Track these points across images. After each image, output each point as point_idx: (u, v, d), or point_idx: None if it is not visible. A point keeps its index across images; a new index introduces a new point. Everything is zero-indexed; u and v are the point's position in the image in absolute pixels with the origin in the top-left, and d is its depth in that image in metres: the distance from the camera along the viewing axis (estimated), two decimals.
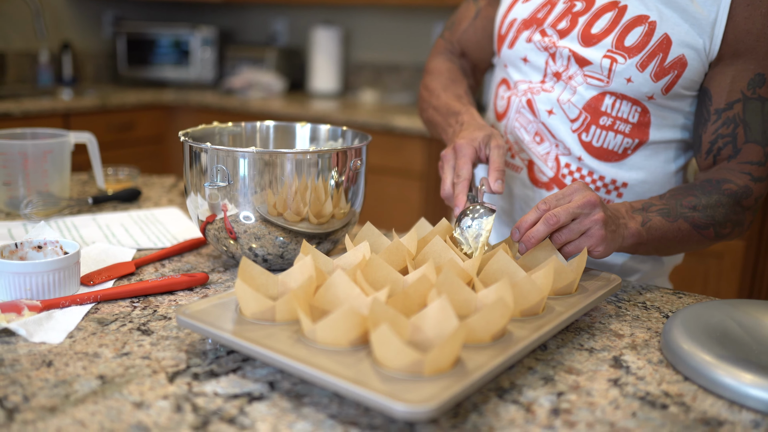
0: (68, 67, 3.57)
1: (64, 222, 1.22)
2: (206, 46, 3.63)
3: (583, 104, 1.10)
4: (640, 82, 1.05)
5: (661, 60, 1.04)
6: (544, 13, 1.13)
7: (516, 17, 1.17)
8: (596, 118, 1.10)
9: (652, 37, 1.04)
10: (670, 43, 1.03)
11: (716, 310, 0.84)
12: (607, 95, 1.09)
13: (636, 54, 1.05)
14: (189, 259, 1.07)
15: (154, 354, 0.75)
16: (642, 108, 1.09)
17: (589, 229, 0.91)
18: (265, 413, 0.64)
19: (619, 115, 1.09)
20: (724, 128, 1.06)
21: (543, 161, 1.16)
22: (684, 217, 1.02)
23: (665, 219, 1.00)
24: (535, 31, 1.13)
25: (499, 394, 0.69)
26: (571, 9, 1.11)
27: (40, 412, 0.63)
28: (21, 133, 1.30)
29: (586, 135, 1.11)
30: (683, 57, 1.04)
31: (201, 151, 0.95)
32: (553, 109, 1.13)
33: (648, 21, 1.05)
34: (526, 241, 0.91)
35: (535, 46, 1.14)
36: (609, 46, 1.06)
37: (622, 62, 1.05)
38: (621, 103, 1.09)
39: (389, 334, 0.63)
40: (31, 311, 0.82)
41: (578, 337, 0.83)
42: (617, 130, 1.10)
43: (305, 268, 0.80)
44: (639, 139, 1.10)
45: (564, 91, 1.12)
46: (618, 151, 1.11)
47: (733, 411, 0.68)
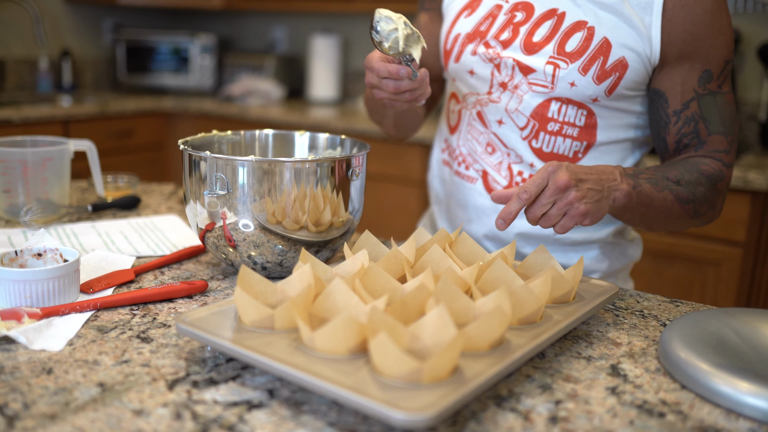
0: (68, 74, 3.57)
1: (64, 229, 1.22)
2: (205, 53, 3.64)
3: (531, 112, 1.14)
4: (583, 85, 1.09)
5: (602, 63, 1.07)
6: (487, 25, 1.17)
7: (460, 32, 1.20)
8: (544, 125, 1.13)
9: (591, 42, 1.08)
10: (610, 46, 1.07)
11: (713, 319, 0.85)
12: (552, 101, 1.12)
13: (577, 59, 1.08)
14: (188, 266, 1.07)
15: (153, 361, 0.75)
16: (588, 111, 1.12)
17: (568, 210, 0.93)
18: (264, 421, 0.64)
19: (566, 119, 1.12)
20: (686, 127, 1.10)
21: (496, 171, 1.19)
22: (669, 189, 1.04)
23: (653, 187, 1.03)
24: (479, 43, 1.16)
25: (497, 402, 0.69)
26: (512, 20, 1.14)
27: (40, 419, 0.63)
28: (21, 141, 1.30)
29: (536, 141, 1.15)
30: (624, 59, 1.07)
31: (200, 159, 0.96)
32: (502, 119, 1.16)
33: (587, 26, 1.08)
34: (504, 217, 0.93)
35: (480, 58, 1.16)
36: (551, 53, 1.10)
37: (564, 67, 1.09)
38: (567, 108, 1.12)
39: (388, 342, 0.64)
40: (31, 319, 0.82)
41: (576, 346, 0.84)
42: (565, 135, 1.13)
43: (304, 276, 0.80)
44: (587, 142, 1.14)
45: (511, 101, 1.15)
46: (569, 155, 1.15)
47: (731, 419, 0.68)
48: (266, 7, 3.54)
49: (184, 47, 3.63)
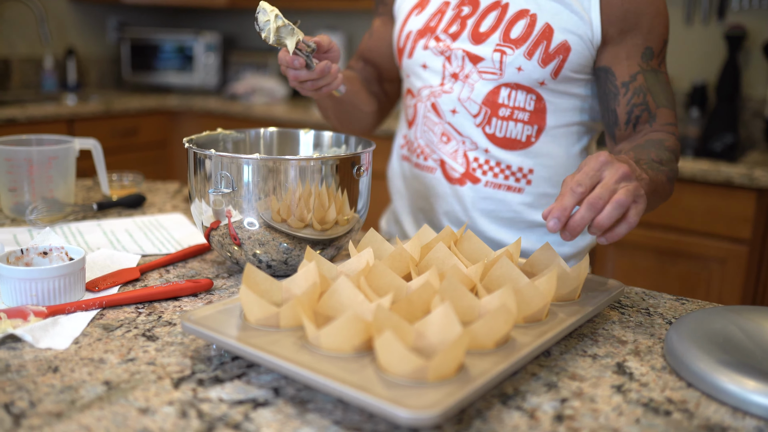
0: (72, 72, 3.58)
1: (69, 228, 1.23)
2: (210, 51, 3.64)
3: (482, 99, 1.19)
4: (529, 69, 1.14)
5: (545, 47, 1.13)
6: (436, 21, 1.23)
7: (411, 29, 1.26)
8: (495, 110, 1.18)
9: (534, 28, 1.14)
10: (552, 30, 1.13)
11: (719, 317, 0.84)
12: (502, 87, 1.17)
13: (522, 44, 1.14)
14: (193, 265, 1.07)
15: (159, 360, 0.75)
16: (536, 96, 1.17)
17: (636, 200, 0.86)
18: (269, 419, 0.64)
19: (516, 104, 1.18)
20: (636, 98, 1.14)
21: (453, 159, 1.24)
22: (661, 171, 1.06)
23: (654, 172, 1.02)
24: (430, 38, 1.23)
25: (503, 401, 0.69)
26: (460, 14, 1.21)
27: (46, 417, 0.63)
28: (26, 140, 1.30)
29: (489, 127, 1.20)
30: (566, 42, 1.13)
31: (205, 157, 0.96)
32: (456, 108, 1.21)
33: (529, 14, 1.15)
34: (572, 230, 0.85)
35: (432, 52, 1.22)
36: (497, 41, 1.16)
37: (510, 53, 1.15)
38: (516, 93, 1.17)
39: (393, 340, 0.64)
40: (36, 317, 0.82)
41: (581, 344, 0.84)
42: (516, 119, 1.18)
43: (309, 274, 0.80)
44: (538, 126, 1.19)
45: (463, 90, 1.20)
46: (521, 139, 1.19)
47: (737, 418, 0.68)
48: None
49: (189, 45, 3.64)
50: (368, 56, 1.43)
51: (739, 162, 2.25)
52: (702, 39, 2.73)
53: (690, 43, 2.76)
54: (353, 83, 1.33)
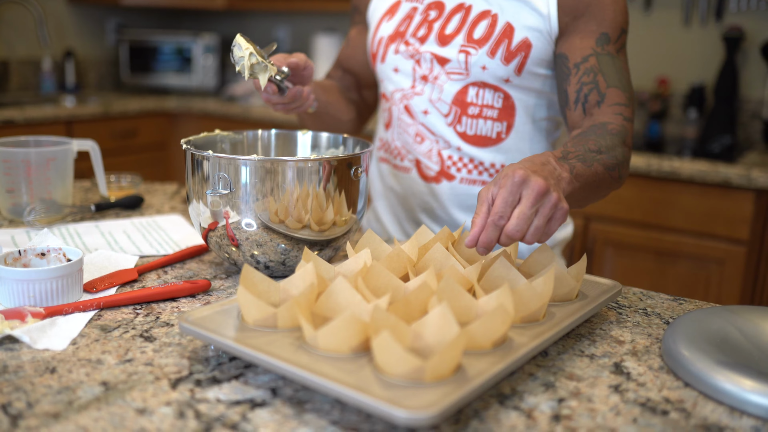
0: (71, 74, 3.58)
1: (67, 229, 1.22)
2: (208, 53, 3.65)
3: (451, 99, 1.23)
4: (493, 67, 1.19)
5: (507, 45, 1.17)
6: (405, 26, 1.28)
7: (383, 35, 1.31)
8: (465, 109, 1.23)
9: (496, 28, 1.18)
10: (513, 29, 1.17)
11: (717, 317, 0.84)
12: (470, 87, 1.22)
13: (484, 44, 1.18)
14: (191, 266, 1.07)
15: (156, 360, 0.75)
16: (504, 93, 1.21)
17: (554, 214, 0.87)
18: (267, 419, 0.64)
19: (485, 102, 1.22)
20: (586, 77, 1.16)
21: (428, 158, 1.28)
22: (596, 161, 1.04)
23: (584, 164, 1.01)
24: (400, 42, 1.27)
25: (500, 401, 0.69)
26: (427, 18, 1.26)
27: (43, 418, 0.63)
28: (24, 141, 1.30)
29: (460, 126, 1.24)
30: (527, 39, 1.17)
31: (203, 159, 0.96)
32: (427, 109, 1.26)
33: (491, 15, 1.19)
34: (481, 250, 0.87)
35: (402, 56, 1.27)
36: (462, 42, 1.20)
37: (474, 53, 1.19)
38: (484, 92, 1.21)
39: (390, 340, 0.64)
40: (34, 318, 0.82)
41: (579, 344, 0.84)
42: (486, 117, 1.22)
43: (307, 275, 0.80)
44: (507, 122, 1.23)
45: (433, 91, 1.25)
46: (492, 136, 1.23)
47: (734, 417, 0.68)
48: (269, 6, 3.54)
49: (187, 47, 3.64)
50: (346, 65, 1.47)
51: (737, 163, 2.25)
52: (700, 40, 2.74)
53: (688, 45, 2.76)
54: (331, 93, 1.36)
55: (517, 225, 0.84)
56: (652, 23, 2.79)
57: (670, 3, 2.76)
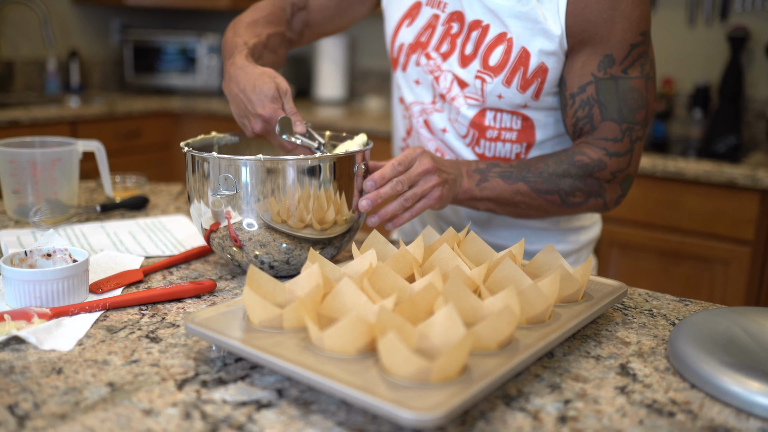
0: (75, 74, 3.58)
1: (73, 230, 1.23)
2: (212, 53, 3.65)
3: (469, 122, 1.18)
4: (509, 96, 1.13)
5: (523, 73, 1.11)
6: (427, 36, 1.20)
7: (403, 42, 1.24)
8: (483, 133, 1.18)
9: (511, 54, 1.11)
10: (529, 54, 1.10)
11: (723, 318, 0.84)
12: (487, 111, 1.16)
13: (500, 72, 1.12)
14: (196, 266, 1.07)
15: (162, 361, 0.75)
16: (522, 116, 1.16)
17: (429, 193, 1.03)
18: (273, 420, 0.64)
19: (503, 125, 1.17)
20: (581, 111, 1.12)
21: None
22: (525, 180, 1.10)
23: (504, 180, 1.10)
24: (421, 54, 1.20)
25: (506, 402, 0.69)
26: (449, 31, 1.18)
27: (50, 419, 0.63)
28: (30, 142, 1.31)
29: (479, 148, 1.19)
30: (543, 64, 1.10)
31: (203, 160, 0.96)
32: (446, 128, 1.21)
33: (506, 39, 1.12)
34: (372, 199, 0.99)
35: (422, 69, 1.21)
36: (478, 67, 1.14)
37: (489, 81, 1.13)
38: (501, 115, 1.16)
39: (396, 342, 0.64)
40: (40, 319, 0.83)
41: (585, 345, 0.84)
42: (504, 140, 1.18)
43: (312, 276, 0.80)
44: (527, 142, 1.18)
45: (451, 111, 1.20)
46: (511, 157, 1.19)
47: (741, 419, 0.68)
48: None
49: (192, 47, 3.64)
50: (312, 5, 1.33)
51: (742, 163, 2.25)
52: (705, 40, 2.73)
53: (693, 45, 2.76)
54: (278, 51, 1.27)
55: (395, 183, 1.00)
56: (657, 23, 2.79)
57: (674, 3, 2.76)
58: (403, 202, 1.02)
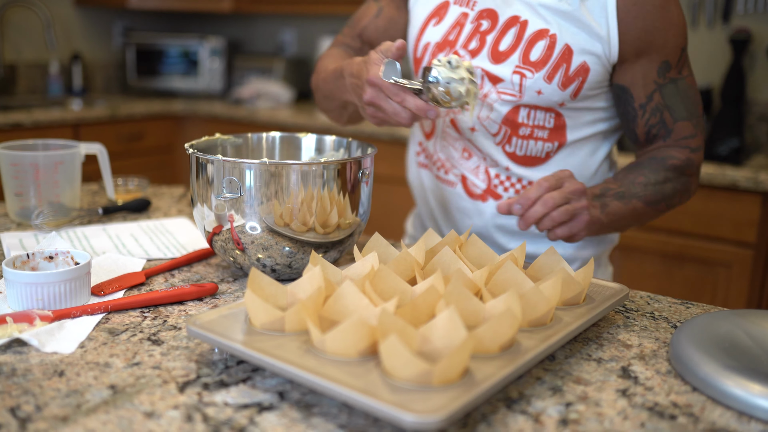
0: (78, 77, 3.59)
1: (75, 232, 1.23)
2: (215, 56, 3.65)
3: (502, 119, 1.16)
4: (549, 92, 1.13)
5: (565, 70, 1.11)
6: (455, 35, 1.19)
7: (429, 41, 1.21)
8: (516, 130, 1.17)
9: (554, 50, 1.11)
10: (572, 52, 1.11)
11: (725, 321, 0.84)
12: (521, 107, 1.15)
13: (542, 67, 1.12)
14: (198, 269, 1.07)
15: (164, 364, 0.75)
16: (555, 113, 1.16)
17: (578, 214, 1.01)
18: (275, 423, 0.64)
19: (536, 123, 1.16)
20: (653, 118, 1.15)
21: (474, 175, 1.23)
22: (637, 197, 1.11)
23: (620, 202, 1.10)
24: (449, 53, 1.18)
25: (508, 405, 0.69)
26: (479, 29, 1.17)
27: (52, 421, 0.63)
28: (32, 144, 1.31)
29: (509, 146, 1.18)
30: (585, 63, 1.11)
31: (208, 162, 0.96)
32: (475, 126, 1.19)
33: (549, 34, 1.12)
34: (526, 219, 0.99)
35: None
36: (517, 62, 1.13)
37: (530, 76, 1.12)
38: (535, 113, 1.16)
39: (398, 344, 0.64)
40: (42, 321, 0.83)
41: (586, 348, 0.84)
42: (536, 137, 1.17)
43: (314, 278, 0.80)
44: (558, 142, 1.18)
45: (482, 109, 1.18)
46: (541, 156, 1.19)
47: (742, 422, 0.68)
48: (275, 9, 3.55)
49: (194, 50, 3.65)
50: (368, 36, 1.33)
51: (745, 165, 2.25)
52: (707, 42, 2.73)
53: (695, 47, 2.75)
54: None
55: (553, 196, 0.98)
56: None
57: None
58: (555, 215, 0.99)
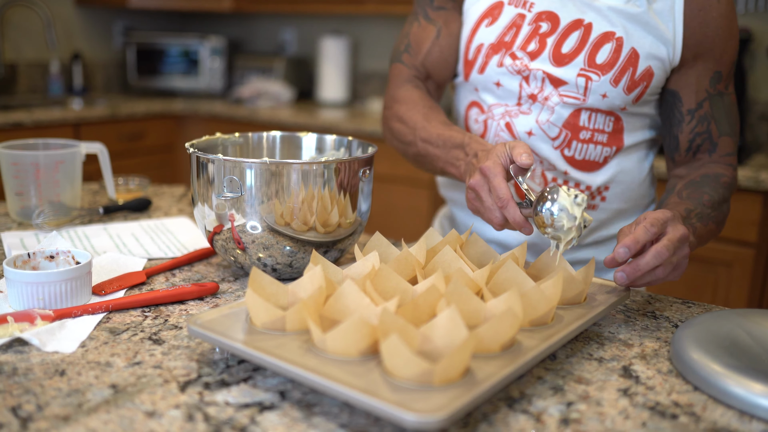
0: (79, 77, 3.59)
1: (76, 232, 1.23)
2: (215, 55, 3.65)
3: (562, 122, 1.14)
4: (614, 96, 1.11)
5: (631, 74, 1.09)
6: (511, 36, 1.14)
7: (483, 42, 1.17)
8: (576, 134, 1.14)
9: (621, 53, 1.09)
10: (638, 56, 1.09)
11: (726, 320, 0.84)
12: (582, 111, 1.13)
13: (609, 70, 1.09)
14: (199, 268, 1.07)
15: (165, 363, 0.75)
16: (615, 117, 1.14)
17: (680, 263, 0.91)
18: (276, 423, 0.64)
19: (596, 127, 1.14)
20: (700, 126, 1.13)
21: (530, 179, 1.19)
22: (711, 219, 1.05)
23: (701, 223, 1.03)
24: (505, 55, 1.14)
25: (509, 404, 0.69)
26: (538, 30, 1.13)
27: (53, 421, 0.63)
28: (33, 144, 1.31)
29: (568, 150, 1.15)
30: (650, 68, 1.10)
31: (208, 161, 0.96)
32: (532, 131, 1.15)
33: (615, 37, 1.09)
34: (630, 273, 0.88)
35: (507, 70, 1.14)
36: (582, 65, 1.10)
37: (596, 79, 1.10)
38: (596, 116, 1.14)
39: (399, 344, 0.64)
40: (43, 321, 0.83)
41: (587, 347, 0.84)
42: (596, 141, 1.15)
43: (315, 278, 0.80)
44: (616, 146, 1.16)
45: (542, 112, 1.14)
46: (599, 160, 1.16)
47: (743, 421, 0.68)
48: (276, 9, 3.55)
49: (194, 50, 3.65)
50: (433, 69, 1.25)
51: (746, 165, 2.24)
52: None
53: None
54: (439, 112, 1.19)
55: (667, 245, 0.87)
56: None
57: None
58: (660, 272, 0.89)
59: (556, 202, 0.87)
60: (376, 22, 3.66)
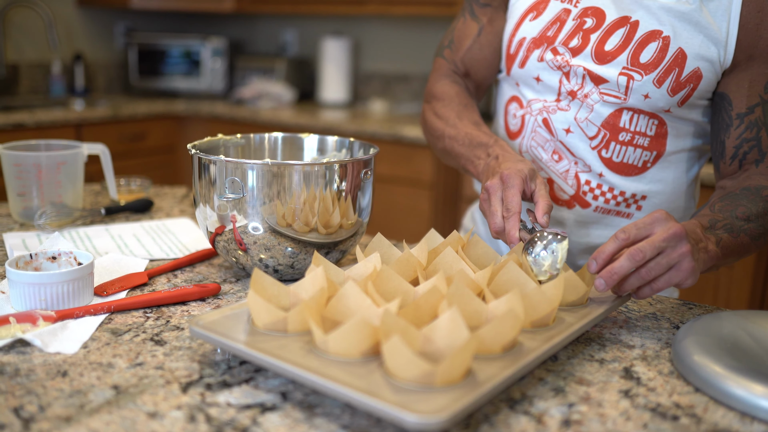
0: (80, 77, 3.60)
1: (78, 233, 1.23)
2: (217, 56, 3.66)
3: (602, 121, 1.10)
4: (657, 97, 1.06)
5: (677, 75, 1.05)
6: (554, 31, 1.12)
7: (525, 36, 1.15)
8: (615, 135, 1.11)
9: (667, 53, 1.04)
10: (686, 57, 1.04)
11: (727, 321, 0.84)
12: (624, 111, 1.09)
13: (652, 70, 1.05)
14: (201, 269, 1.08)
15: (167, 364, 0.76)
16: (659, 120, 1.09)
17: (678, 262, 0.85)
18: (277, 423, 0.65)
19: (638, 129, 1.10)
20: (748, 132, 1.06)
21: (563, 179, 1.16)
22: (743, 231, 0.99)
23: (730, 235, 0.96)
24: (546, 49, 1.12)
25: (510, 405, 0.69)
26: (582, 26, 1.10)
27: (55, 421, 0.63)
28: (35, 145, 1.31)
29: (606, 151, 1.12)
30: (698, 70, 1.05)
31: (210, 163, 0.96)
32: (570, 128, 1.13)
33: (662, 36, 1.05)
34: (606, 278, 0.85)
35: (548, 65, 1.12)
36: (624, 63, 1.06)
37: (639, 79, 1.06)
38: (638, 117, 1.09)
39: (400, 345, 0.64)
40: (45, 321, 0.83)
41: (589, 348, 0.84)
42: (636, 144, 1.11)
43: (317, 279, 0.80)
44: (657, 151, 1.11)
45: (581, 110, 1.11)
46: (638, 165, 1.12)
47: (745, 423, 0.68)
48: (277, 10, 3.55)
49: (196, 50, 3.65)
50: (473, 66, 1.26)
51: None
52: None
53: None
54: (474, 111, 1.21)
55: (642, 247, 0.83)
56: None
57: None
58: (644, 273, 0.85)
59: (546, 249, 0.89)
60: (377, 22, 3.66)
